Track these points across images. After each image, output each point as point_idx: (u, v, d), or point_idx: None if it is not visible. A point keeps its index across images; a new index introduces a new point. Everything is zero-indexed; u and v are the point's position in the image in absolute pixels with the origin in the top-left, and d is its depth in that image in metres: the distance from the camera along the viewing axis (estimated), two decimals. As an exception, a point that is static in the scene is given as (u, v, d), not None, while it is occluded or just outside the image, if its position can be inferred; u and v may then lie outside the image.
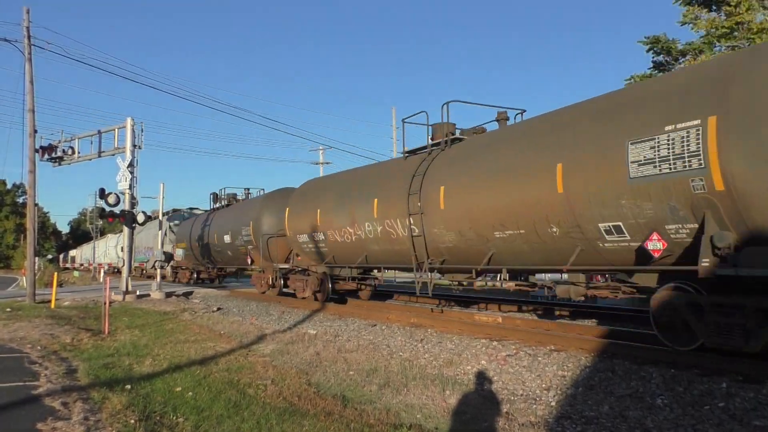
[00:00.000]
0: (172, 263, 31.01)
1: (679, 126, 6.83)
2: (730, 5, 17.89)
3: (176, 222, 34.35)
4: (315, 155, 42.76)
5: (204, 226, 25.89)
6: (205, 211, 31.74)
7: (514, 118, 11.99)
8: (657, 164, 7.04)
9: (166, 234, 32.49)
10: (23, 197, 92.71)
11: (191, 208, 36.15)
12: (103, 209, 20.41)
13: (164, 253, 24.68)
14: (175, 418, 5.75)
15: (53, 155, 22.13)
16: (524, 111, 12.05)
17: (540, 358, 7.86)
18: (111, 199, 20.11)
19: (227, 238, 22.52)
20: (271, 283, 19.32)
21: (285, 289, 19.25)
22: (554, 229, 8.65)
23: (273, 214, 19.32)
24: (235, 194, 26.53)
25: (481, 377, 7.20)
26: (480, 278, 11.05)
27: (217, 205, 27.18)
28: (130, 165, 20.53)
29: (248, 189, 25.83)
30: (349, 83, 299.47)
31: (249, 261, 20.56)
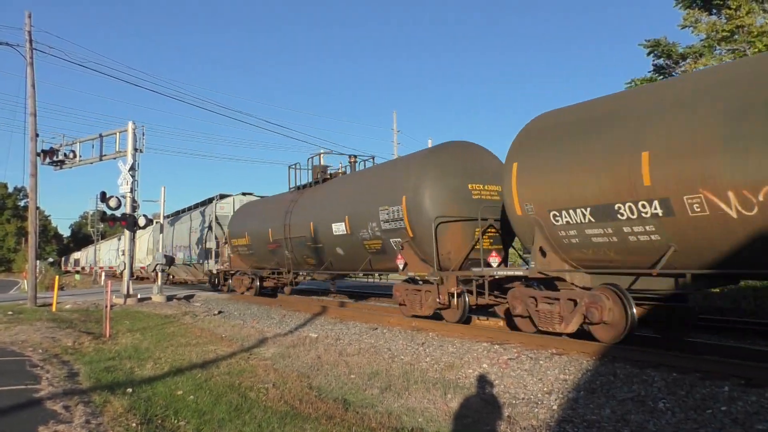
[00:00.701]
0: (217, 267, 25.48)
1: None
2: (730, 8, 17.92)
3: (224, 208, 26.93)
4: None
5: (285, 214, 18.11)
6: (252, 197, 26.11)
7: None
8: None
9: (211, 228, 27.35)
10: (24, 201, 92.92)
11: (245, 194, 27.81)
12: (104, 212, 20.48)
13: (165, 256, 24.72)
14: (176, 421, 5.75)
15: (55, 159, 22.22)
16: None
17: (541, 362, 7.85)
18: (112, 203, 20.18)
19: (339, 229, 14.89)
20: (445, 301, 11.67)
21: (474, 315, 12.25)
22: None
23: (447, 183, 11.96)
24: (326, 167, 18.67)
25: (483, 381, 7.20)
26: None
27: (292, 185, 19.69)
28: (132, 168, 20.60)
29: (355, 157, 17.82)
30: (350, 87, 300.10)
31: (400, 264, 12.72)
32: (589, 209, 8.34)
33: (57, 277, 23.85)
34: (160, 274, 23.71)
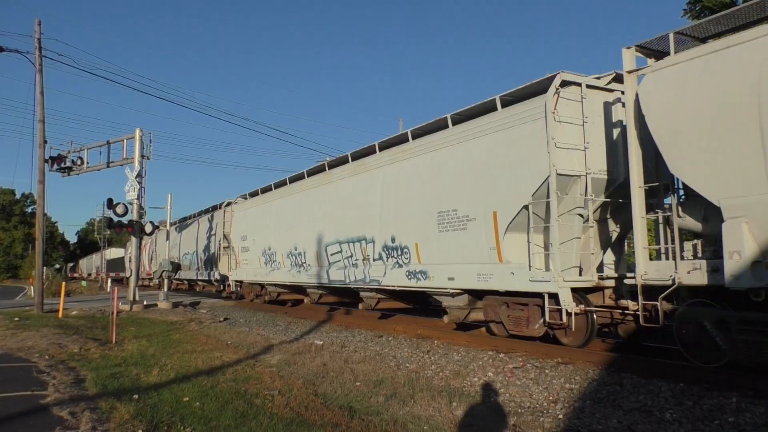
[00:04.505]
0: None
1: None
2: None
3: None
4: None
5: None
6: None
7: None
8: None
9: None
10: (32, 207, 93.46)
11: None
12: (111, 219, 20.60)
13: (171, 262, 24.77)
14: (182, 428, 5.76)
15: (62, 165, 22.41)
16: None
17: (547, 371, 7.83)
18: (119, 210, 20.32)
19: None
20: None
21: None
22: None
23: None
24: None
25: (488, 389, 7.18)
26: None
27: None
28: (139, 175, 20.75)
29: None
30: (356, 94, 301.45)
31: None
32: None
33: (63, 283, 23.97)
34: (166, 280, 23.75)
